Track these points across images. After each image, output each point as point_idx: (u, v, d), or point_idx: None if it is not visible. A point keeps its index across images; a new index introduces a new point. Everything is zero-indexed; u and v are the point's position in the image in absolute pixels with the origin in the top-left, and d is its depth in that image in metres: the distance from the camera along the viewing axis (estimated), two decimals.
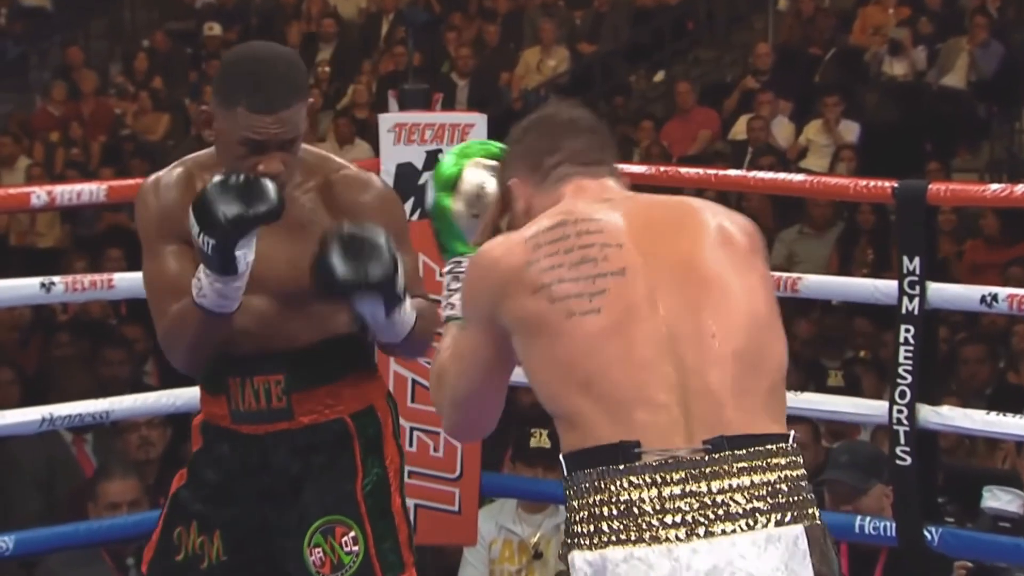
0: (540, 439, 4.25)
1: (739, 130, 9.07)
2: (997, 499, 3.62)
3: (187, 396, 3.70)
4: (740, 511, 1.82)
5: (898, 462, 3.41)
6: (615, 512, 1.84)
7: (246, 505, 2.52)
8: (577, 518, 1.86)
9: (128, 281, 3.69)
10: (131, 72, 11.75)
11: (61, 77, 11.61)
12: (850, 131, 8.59)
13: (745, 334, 1.88)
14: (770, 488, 1.84)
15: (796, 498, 1.86)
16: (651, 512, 1.82)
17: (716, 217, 1.98)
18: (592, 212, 1.96)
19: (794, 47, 9.95)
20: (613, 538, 1.83)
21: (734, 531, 1.82)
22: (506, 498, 4.25)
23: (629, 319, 1.87)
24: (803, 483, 1.88)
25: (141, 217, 2.59)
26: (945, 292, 3.43)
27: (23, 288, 3.55)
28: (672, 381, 1.85)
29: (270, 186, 2.33)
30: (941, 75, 8.94)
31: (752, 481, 1.84)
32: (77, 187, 3.58)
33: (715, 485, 1.82)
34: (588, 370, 1.86)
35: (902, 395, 3.39)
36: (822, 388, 4.90)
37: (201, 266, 2.36)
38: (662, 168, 4.12)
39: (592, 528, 1.84)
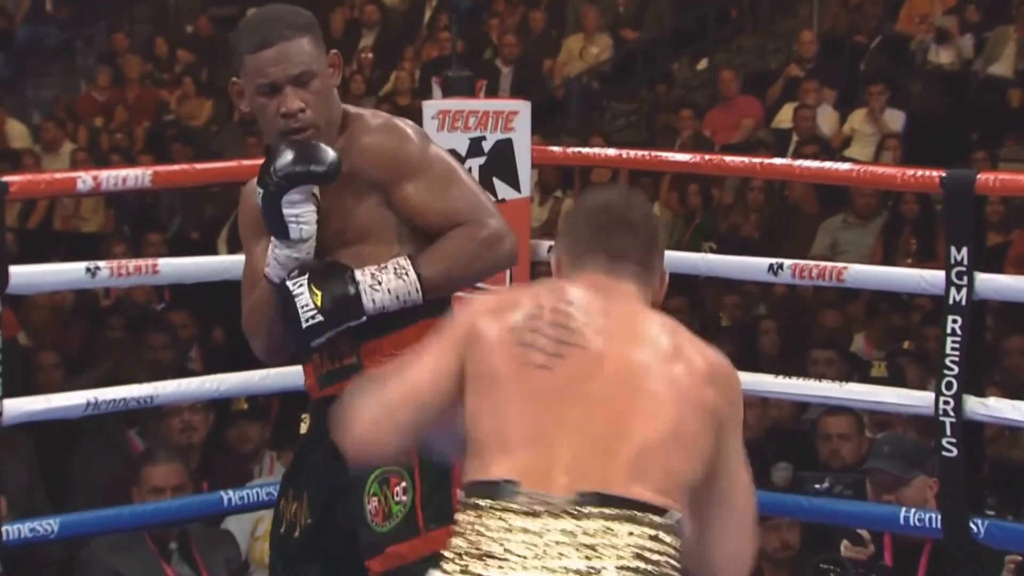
0: None
1: (783, 119, 9.02)
2: None
3: (231, 382, 3.71)
4: (582, 567, 1.90)
5: (944, 453, 3.38)
6: (483, 539, 1.94)
7: (325, 466, 2.55)
8: (453, 541, 1.97)
9: (172, 267, 3.71)
10: (172, 58, 11.79)
11: (106, 62, 11.67)
12: (895, 120, 8.53)
13: (659, 439, 1.96)
14: (619, 550, 1.91)
15: (658, 570, 1.91)
16: (502, 540, 1.92)
17: (681, 350, 2.03)
18: (575, 295, 2.05)
19: (839, 35, 9.88)
20: (469, 565, 1.93)
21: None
22: None
23: (569, 385, 1.98)
24: (669, 561, 1.93)
25: (240, 215, 2.69)
26: (993, 283, 3.40)
27: (69, 272, 3.57)
28: (574, 440, 1.95)
29: (328, 151, 2.41)
30: (988, 64, 8.85)
31: (604, 541, 1.91)
32: (123, 172, 3.59)
33: (567, 535, 1.91)
34: (506, 410, 1.98)
35: (948, 386, 3.36)
36: (866, 379, 4.87)
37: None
38: (707, 157, 4.09)
39: (468, 553, 1.95)
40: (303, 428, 4.17)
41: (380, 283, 2.48)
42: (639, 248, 2.13)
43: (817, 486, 3.98)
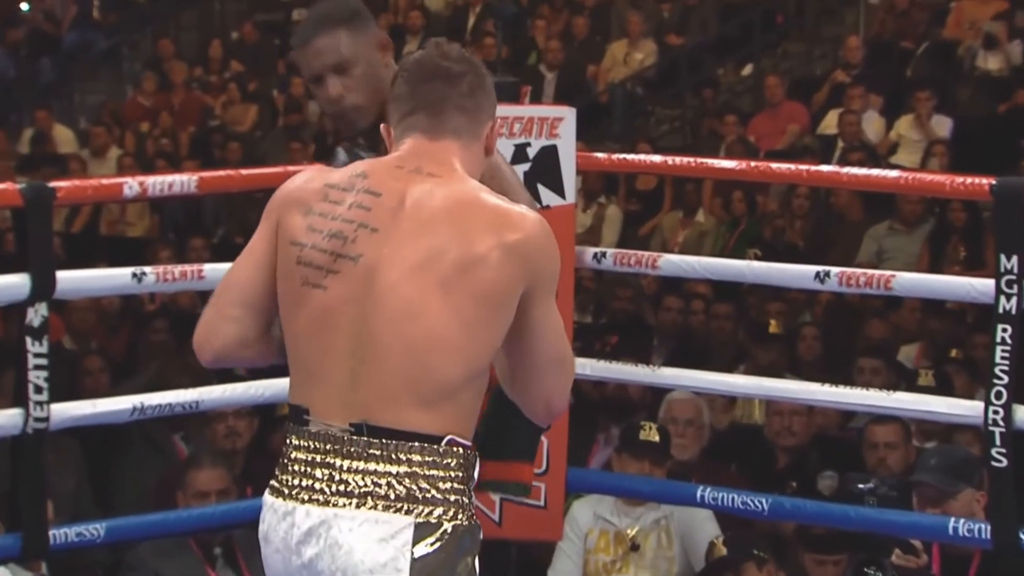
0: (649, 432, 4.22)
1: (828, 125, 8.97)
2: None
3: (276, 387, 3.72)
4: (355, 491, 2.07)
5: (993, 463, 3.35)
6: (283, 464, 2.14)
7: None
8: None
9: (218, 272, 3.71)
10: (217, 63, 11.86)
11: (152, 68, 11.75)
12: (942, 126, 8.46)
13: (418, 345, 2.07)
14: (391, 479, 2.07)
15: (420, 494, 2.07)
16: (297, 472, 2.11)
17: (466, 235, 2.09)
18: (383, 183, 2.14)
19: (886, 40, 9.82)
20: (274, 485, 2.15)
21: (343, 505, 2.07)
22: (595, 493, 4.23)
23: (339, 305, 2.09)
24: (439, 484, 2.08)
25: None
26: None
27: (115, 278, 3.58)
28: (345, 367, 2.09)
29: None
30: None
31: (377, 469, 2.07)
32: (169, 178, 3.61)
33: (345, 464, 2.08)
34: (296, 335, 2.13)
35: (998, 395, 3.33)
36: (913, 388, 4.83)
37: None
38: (753, 164, 4.07)
39: (276, 474, 2.15)
40: None
41: None
42: (459, 95, 2.19)
43: (861, 486, 3.96)
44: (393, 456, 2.07)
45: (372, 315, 2.09)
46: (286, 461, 2.14)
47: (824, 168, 4.15)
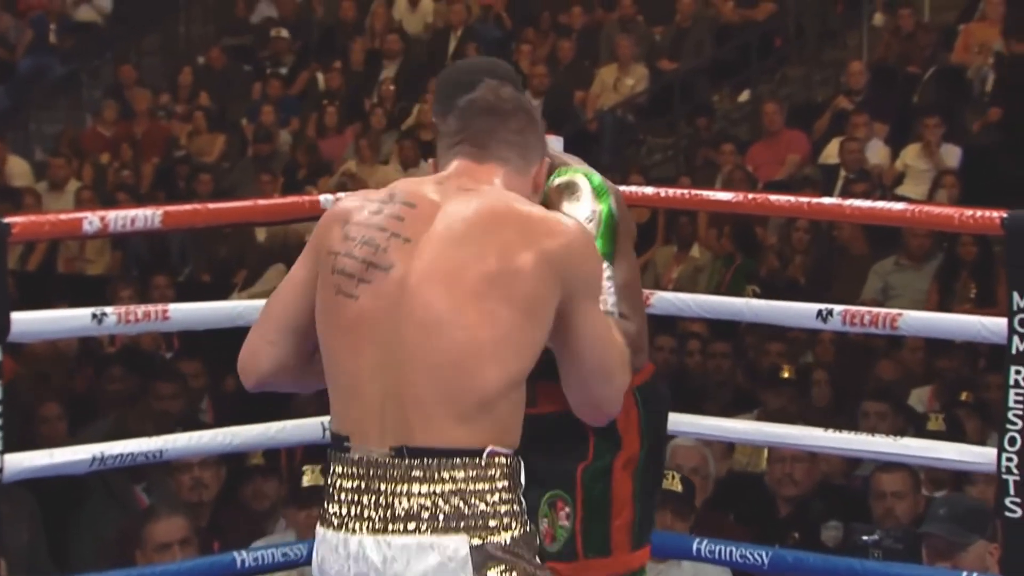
0: (672, 481, 4.20)
1: (830, 154, 9.01)
2: None
3: (244, 435, 3.71)
4: (404, 515, 2.14)
5: (1007, 514, 3.35)
6: (330, 494, 2.21)
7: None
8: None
9: (183, 312, 3.71)
10: (183, 90, 11.88)
11: (113, 96, 11.76)
12: (951, 156, 8.51)
13: (452, 356, 2.14)
14: (438, 498, 2.13)
15: (468, 510, 2.14)
16: (344, 501, 2.18)
17: (500, 243, 2.17)
18: (419, 196, 2.23)
19: (891, 65, 9.88)
20: (324, 516, 2.21)
21: (395, 531, 2.14)
22: None
23: (370, 318, 2.17)
24: (487, 497, 2.15)
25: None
26: None
27: (74, 319, 3.57)
28: (379, 386, 2.16)
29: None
30: None
31: (422, 490, 2.14)
32: (131, 212, 3.60)
33: (391, 487, 2.15)
34: (331, 350, 2.21)
35: (1012, 442, 3.33)
36: (922, 433, 4.84)
37: None
38: (751, 196, 4.09)
39: (324, 505, 2.23)
40: (305, 480, 4.19)
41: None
42: (508, 131, 2.30)
43: (865, 538, 3.96)
44: (436, 475, 2.14)
45: (403, 328, 2.16)
46: (332, 491, 2.21)
47: (826, 200, 4.17)
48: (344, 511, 2.18)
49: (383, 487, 2.16)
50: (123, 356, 6.64)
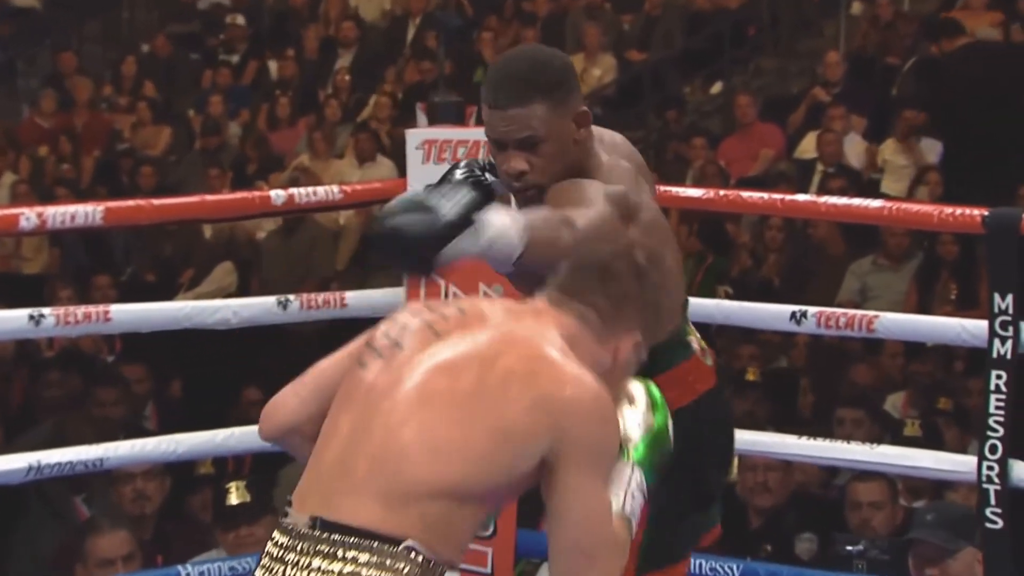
0: None
1: (806, 149, 9.06)
2: None
3: (190, 443, 3.71)
4: None
5: (988, 525, 3.38)
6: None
7: None
8: None
9: (126, 314, 3.71)
10: (126, 80, 11.84)
11: (52, 85, 11.71)
12: (932, 150, 8.56)
13: (401, 441, 2.16)
14: None
15: None
16: (264, 566, 2.20)
17: (506, 369, 2.18)
18: (475, 308, 2.28)
19: (869, 56, 9.93)
20: None
21: None
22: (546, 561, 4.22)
23: (365, 390, 2.22)
24: None
25: None
26: None
27: (10, 320, 3.56)
28: (333, 455, 2.19)
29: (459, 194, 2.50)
30: None
31: (321, 566, 2.13)
32: (71, 208, 3.60)
33: (297, 559, 2.16)
34: (327, 418, 2.26)
35: (992, 450, 3.37)
36: (898, 440, 4.87)
37: None
38: (722, 192, 4.11)
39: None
40: (231, 498, 4.17)
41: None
42: (599, 294, 2.28)
43: (849, 548, 3.99)
44: (339, 553, 2.13)
45: (378, 406, 2.19)
46: (262, 556, 2.23)
47: (801, 197, 4.20)
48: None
49: (291, 559, 2.17)
50: (62, 360, 6.61)
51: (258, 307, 3.94)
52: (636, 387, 2.39)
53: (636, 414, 2.38)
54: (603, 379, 2.25)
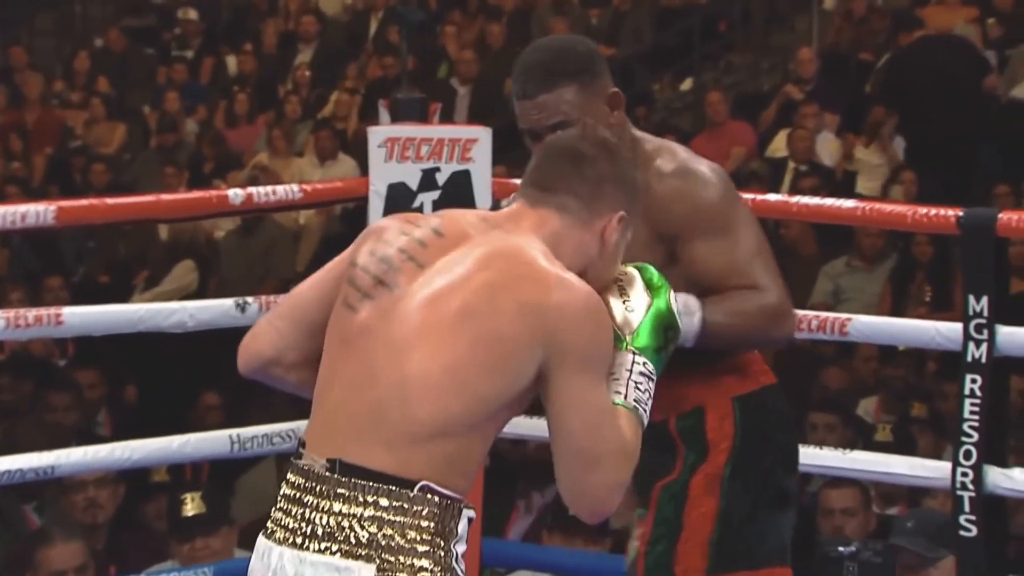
0: None
1: (778, 147, 9.09)
2: None
3: (145, 450, 3.70)
4: (320, 533, 2.21)
5: (962, 532, 3.40)
6: (276, 498, 2.30)
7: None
8: None
9: (78, 316, 3.70)
10: (79, 75, 11.79)
11: (1, 81, 11.65)
12: (898, 148, 8.60)
13: (396, 380, 2.22)
14: (354, 521, 2.20)
15: (383, 540, 2.18)
16: (279, 509, 2.27)
17: (490, 282, 2.23)
18: (453, 228, 2.30)
19: (842, 52, 9.98)
20: (266, 524, 2.30)
21: (309, 548, 2.21)
22: (514, 570, 4.23)
23: (359, 332, 2.26)
24: (407, 533, 2.19)
25: None
26: (1017, 337, 3.43)
27: None
28: (340, 398, 2.25)
29: None
30: (1011, 85, 8.96)
31: (342, 510, 2.20)
32: (22, 208, 3.59)
33: (316, 502, 2.23)
34: (324, 361, 2.30)
35: (967, 455, 3.39)
36: (869, 445, 4.89)
37: None
38: None
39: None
40: (186, 510, 4.16)
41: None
42: (580, 178, 2.33)
43: (841, 549, 4.00)
44: (360, 498, 2.20)
45: (377, 347, 2.24)
46: (278, 497, 2.29)
47: (772, 197, 4.21)
48: (276, 519, 2.26)
49: (310, 501, 2.22)
50: (12, 364, 6.58)
51: (215, 309, 3.93)
52: (630, 271, 2.43)
53: (632, 299, 2.41)
54: (595, 265, 2.33)
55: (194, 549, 4.14)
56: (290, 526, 2.23)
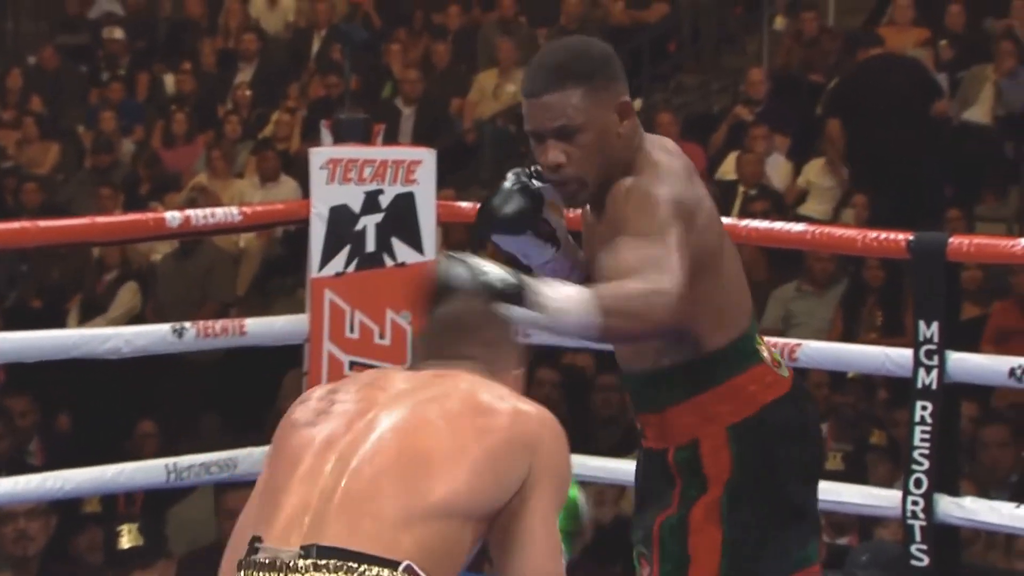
0: None
1: (727, 169, 9.13)
2: None
3: (76, 480, 3.68)
4: None
5: (913, 562, 3.42)
6: None
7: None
8: None
9: (10, 342, 3.69)
10: (11, 94, 11.72)
11: None
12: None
13: (404, 460, 2.23)
14: None
15: None
16: None
17: (476, 393, 2.30)
18: (382, 374, 2.37)
19: (793, 73, 10.04)
20: None
21: None
22: None
23: (329, 435, 2.27)
24: None
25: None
26: (967, 363, 3.46)
27: None
28: (314, 488, 2.23)
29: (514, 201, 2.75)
30: (962, 108, 9.04)
31: None
32: None
33: None
34: (273, 475, 2.30)
35: (917, 484, 3.41)
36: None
37: None
38: None
39: None
40: (123, 541, 4.14)
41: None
42: (477, 345, 2.38)
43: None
44: None
45: (363, 437, 2.25)
46: None
47: (722, 220, 4.23)
48: None
49: None
50: None
51: (152, 335, 3.92)
52: None
53: None
54: None
55: None
56: None
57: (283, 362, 5.47)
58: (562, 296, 2.47)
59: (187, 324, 3.91)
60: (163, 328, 3.91)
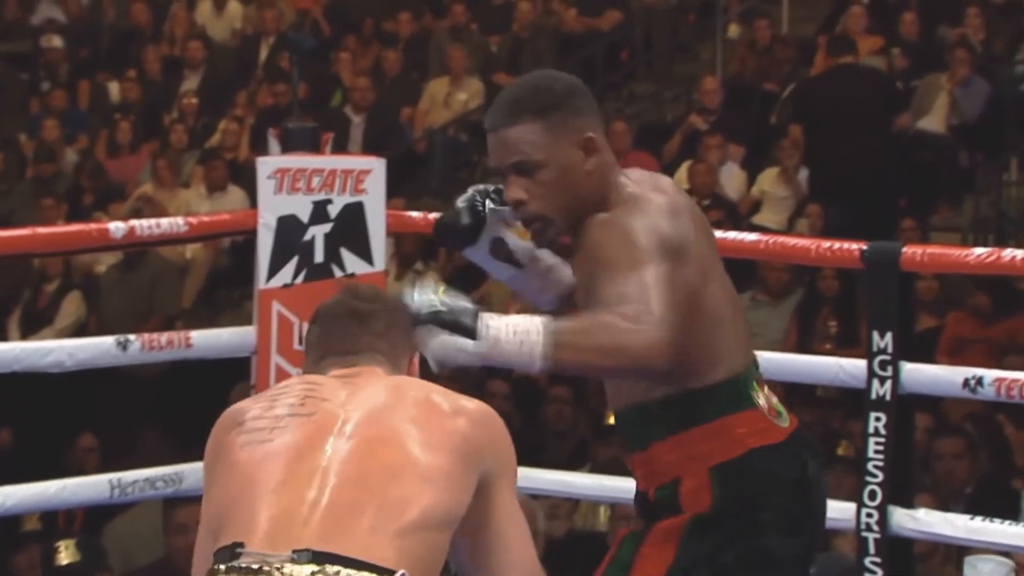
0: None
1: (681, 179, 9.16)
2: (977, 572, 3.62)
3: (18, 496, 3.66)
4: None
5: (866, 575, 3.44)
6: None
7: None
8: None
9: None
10: None
11: None
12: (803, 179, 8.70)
13: (389, 471, 2.26)
14: None
15: None
16: None
17: (424, 392, 2.38)
18: (317, 380, 2.40)
19: (747, 82, 10.09)
20: None
21: None
22: None
23: (295, 443, 2.30)
24: None
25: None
26: (921, 374, 3.48)
27: None
28: (295, 495, 2.25)
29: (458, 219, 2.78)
30: (916, 117, 9.11)
31: None
32: None
33: None
34: (234, 482, 2.31)
35: (872, 496, 3.43)
36: None
37: None
38: None
39: None
40: (61, 558, 4.12)
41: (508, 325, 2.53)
42: (372, 335, 2.45)
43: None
44: None
45: (340, 449, 2.27)
46: None
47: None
48: None
49: None
50: None
51: (95, 348, 3.90)
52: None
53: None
54: None
55: None
56: None
57: (230, 375, 5.45)
58: (505, 326, 2.45)
59: (132, 337, 3.90)
60: (107, 341, 3.89)
